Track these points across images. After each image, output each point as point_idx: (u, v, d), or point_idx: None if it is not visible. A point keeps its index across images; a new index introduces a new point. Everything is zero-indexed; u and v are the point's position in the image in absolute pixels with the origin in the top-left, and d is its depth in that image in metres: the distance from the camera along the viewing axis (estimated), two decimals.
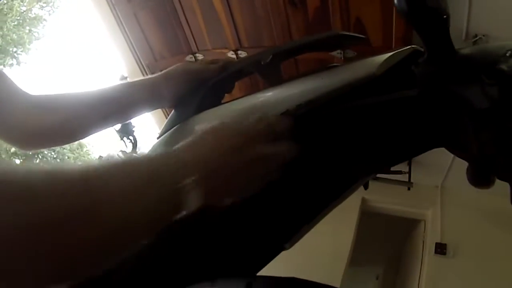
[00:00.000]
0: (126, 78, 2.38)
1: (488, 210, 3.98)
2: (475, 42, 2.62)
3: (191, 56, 4.06)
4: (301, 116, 0.74)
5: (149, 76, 1.01)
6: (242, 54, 3.72)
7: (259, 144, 0.66)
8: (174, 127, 0.99)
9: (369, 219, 4.70)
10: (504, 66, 0.55)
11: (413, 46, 0.69)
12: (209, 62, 1.01)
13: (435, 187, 4.59)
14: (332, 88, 0.72)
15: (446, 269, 4.13)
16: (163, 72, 0.99)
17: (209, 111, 0.92)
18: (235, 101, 0.89)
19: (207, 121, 0.91)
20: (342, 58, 2.79)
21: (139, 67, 4.40)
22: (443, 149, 0.73)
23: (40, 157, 27.23)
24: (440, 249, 4.21)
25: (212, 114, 0.91)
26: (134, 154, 2.22)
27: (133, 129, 2.56)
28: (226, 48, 3.80)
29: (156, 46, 4.22)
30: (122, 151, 2.11)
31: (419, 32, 0.62)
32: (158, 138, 1.04)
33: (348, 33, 0.91)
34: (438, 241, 4.27)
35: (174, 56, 4.19)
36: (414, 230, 4.99)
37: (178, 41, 4.01)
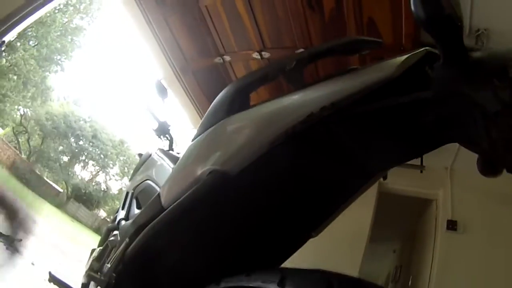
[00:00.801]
0: (162, 84, 2.36)
1: (495, 189, 3.91)
2: (477, 36, 2.56)
3: (219, 58, 4.05)
4: (325, 118, 0.72)
5: None
6: (266, 54, 3.70)
7: None
8: (206, 131, 0.98)
9: (386, 200, 4.64)
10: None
11: (426, 48, 0.67)
12: None
13: (445, 168, 4.50)
14: (353, 91, 0.71)
15: (458, 243, 4.06)
16: None
17: (239, 114, 0.91)
18: (263, 105, 0.88)
19: (237, 123, 0.90)
20: (357, 55, 2.76)
21: (172, 69, 4.42)
22: None
23: (86, 154, 27.80)
24: (451, 225, 4.14)
25: (242, 117, 0.90)
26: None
27: (169, 128, 2.55)
28: (251, 49, 3.78)
29: (186, 49, 4.22)
30: (160, 149, 2.10)
31: (435, 38, 0.60)
32: (192, 140, 1.04)
33: (365, 38, 0.89)
34: (449, 218, 4.20)
35: (203, 58, 4.18)
36: (427, 209, 4.93)
37: (206, 44, 4.00)
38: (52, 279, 1.40)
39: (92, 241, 12.45)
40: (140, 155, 2.34)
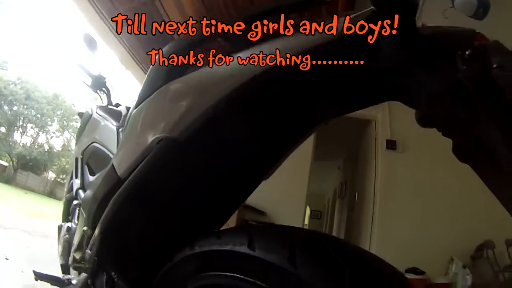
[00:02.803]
0: (91, 36, 2.21)
1: None
2: None
3: None
4: (268, 80, 0.72)
5: None
6: None
7: None
8: (148, 98, 0.96)
9: None
10: (460, 74, 0.57)
11: (372, 8, 0.67)
12: None
13: None
14: (295, 52, 0.70)
15: (398, 162, 4.37)
16: None
17: (179, 80, 0.89)
18: (203, 69, 0.86)
19: (179, 89, 0.89)
20: None
21: (99, 15, 4.16)
22: None
23: (22, 118, 26.54)
24: (391, 145, 4.41)
25: (183, 82, 0.89)
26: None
27: (105, 81, 2.43)
28: None
29: None
30: (99, 106, 2.03)
31: (389, 18, 0.61)
32: (134, 107, 1.01)
33: None
34: (388, 138, 4.46)
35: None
36: (367, 129, 5.14)
37: None
38: (38, 276, 1.40)
39: (50, 209, 12.26)
40: (80, 114, 2.25)
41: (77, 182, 1.68)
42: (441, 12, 2.15)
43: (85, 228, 1.10)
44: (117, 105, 2.28)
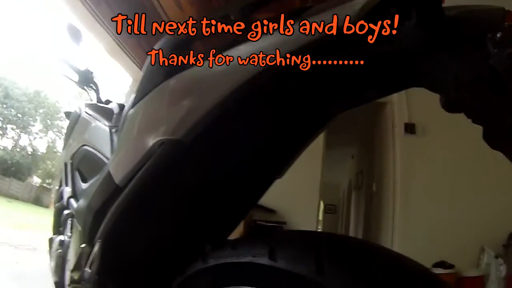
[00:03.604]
0: (75, 26, 2.19)
1: None
2: None
3: None
4: (280, 71, 0.71)
5: None
6: None
7: None
8: (147, 97, 0.95)
9: None
10: (492, 59, 0.56)
11: None
12: None
13: None
14: (310, 39, 0.68)
15: (418, 147, 4.33)
16: None
17: (180, 75, 0.87)
18: (206, 61, 0.84)
19: (181, 86, 0.88)
20: None
21: (83, 4, 4.14)
22: None
23: (2, 119, 26.41)
24: (410, 129, 4.37)
25: (185, 78, 0.87)
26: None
27: (92, 76, 2.39)
28: None
29: None
30: (88, 105, 2.00)
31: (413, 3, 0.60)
32: (132, 107, 1.00)
33: None
34: (407, 121, 4.42)
35: None
36: (381, 113, 5.10)
37: None
38: None
39: (35, 218, 12.27)
40: (67, 114, 2.23)
41: (67, 190, 1.66)
42: None
43: (83, 245, 1.09)
44: (107, 102, 2.24)
